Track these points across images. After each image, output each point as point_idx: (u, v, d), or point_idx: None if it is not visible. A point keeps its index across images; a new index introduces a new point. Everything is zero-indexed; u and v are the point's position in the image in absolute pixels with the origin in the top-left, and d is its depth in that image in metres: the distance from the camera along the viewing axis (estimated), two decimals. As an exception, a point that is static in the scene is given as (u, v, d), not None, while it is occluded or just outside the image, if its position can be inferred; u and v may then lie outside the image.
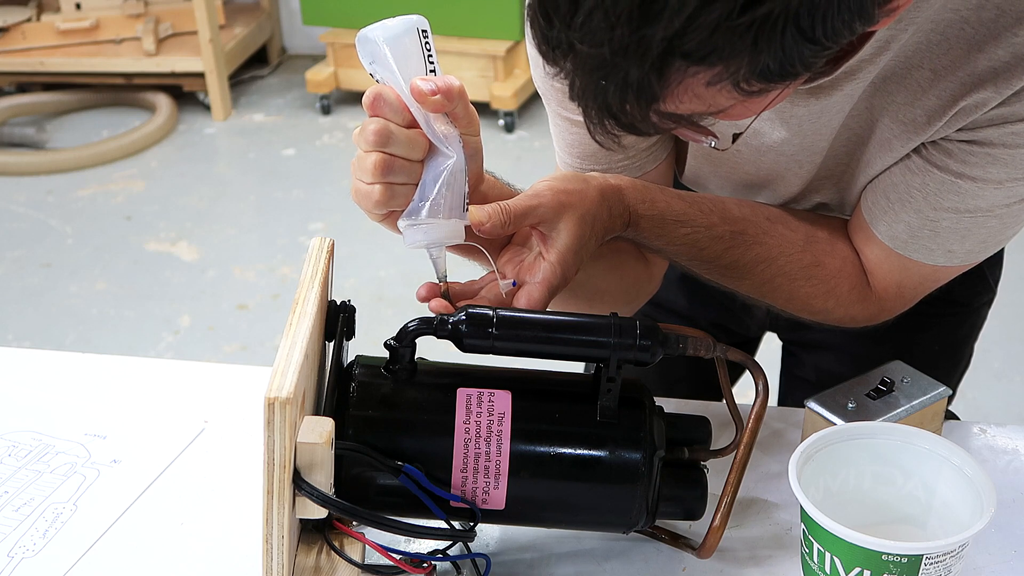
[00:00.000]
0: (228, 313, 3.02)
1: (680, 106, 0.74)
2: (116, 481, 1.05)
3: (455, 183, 0.89)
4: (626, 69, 0.70)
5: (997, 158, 0.93)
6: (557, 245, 0.92)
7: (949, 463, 0.90)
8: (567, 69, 0.74)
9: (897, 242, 1.02)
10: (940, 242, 1.00)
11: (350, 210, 3.69)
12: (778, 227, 1.04)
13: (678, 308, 1.34)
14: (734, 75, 0.70)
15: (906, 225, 1.00)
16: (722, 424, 0.97)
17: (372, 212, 0.91)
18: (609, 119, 0.75)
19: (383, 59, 0.88)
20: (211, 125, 4.07)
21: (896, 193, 0.99)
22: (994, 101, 0.90)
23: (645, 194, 0.99)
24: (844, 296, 1.06)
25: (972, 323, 1.31)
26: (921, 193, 0.98)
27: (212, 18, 3.94)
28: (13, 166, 3.74)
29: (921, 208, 0.98)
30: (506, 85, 3.84)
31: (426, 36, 0.89)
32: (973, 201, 0.96)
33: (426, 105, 0.87)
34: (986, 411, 2.58)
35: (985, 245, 1.01)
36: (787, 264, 1.04)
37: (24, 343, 2.88)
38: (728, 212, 1.03)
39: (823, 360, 1.33)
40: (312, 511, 0.80)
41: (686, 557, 0.96)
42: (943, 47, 0.91)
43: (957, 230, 0.99)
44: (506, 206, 0.91)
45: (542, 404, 0.89)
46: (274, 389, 0.75)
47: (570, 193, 0.93)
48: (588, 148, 1.07)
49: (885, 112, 0.96)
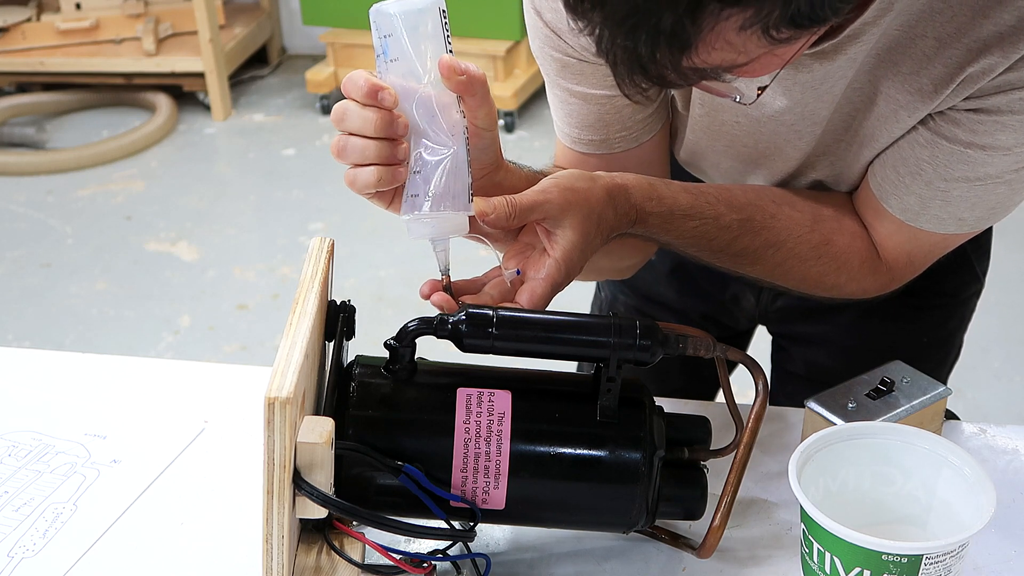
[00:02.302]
0: (228, 313, 3.02)
1: (711, 55, 0.73)
2: (116, 481, 1.05)
3: (457, 174, 0.89)
4: (659, 15, 0.69)
5: (1006, 125, 0.93)
6: (562, 243, 0.92)
7: (949, 463, 0.90)
8: (595, 20, 0.72)
9: (908, 214, 1.02)
10: (951, 211, 1.00)
11: (350, 210, 3.70)
12: (784, 209, 1.04)
13: (668, 301, 1.35)
14: (765, 19, 0.70)
15: (917, 197, 1.00)
16: (722, 424, 0.97)
17: (358, 192, 0.90)
18: (638, 70, 0.74)
19: (398, 34, 0.86)
20: (211, 125, 4.07)
21: (906, 167, 1.00)
22: (1001, 67, 0.90)
23: (651, 191, 0.99)
24: (855, 270, 1.07)
25: (961, 315, 1.31)
26: (931, 165, 0.98)
27: (212, 18, 3.94)
28: (13, 166, 3.74)
29: (931, 180, 0.99)
30: (506, 85, 3.84)
31: (445, 16, 0.88)
32: (983, 169, 0.96)
33: (450, 83, 0.86)
34: (986, 411, 2.58)
35: (994, 211, 1.02)
36: (796, 246, 1.04)
37: (24, 343, 2.88)
38: (734, 200, 1.03)
39: (813, 354, 1.32)
40: (312, 511, 0.80)
41: (686, 557, 0.96)
42: (947, 14, 0.90)
43: (968, 198, 0.99)
44: (512, 200, 0.91)
45: (542, 404, 0.89)
46: (274, 389, 0.75)
47: (577, 192, 0.93)
48: (587, 119, 1.07)
49: (890, 83, 0.96)
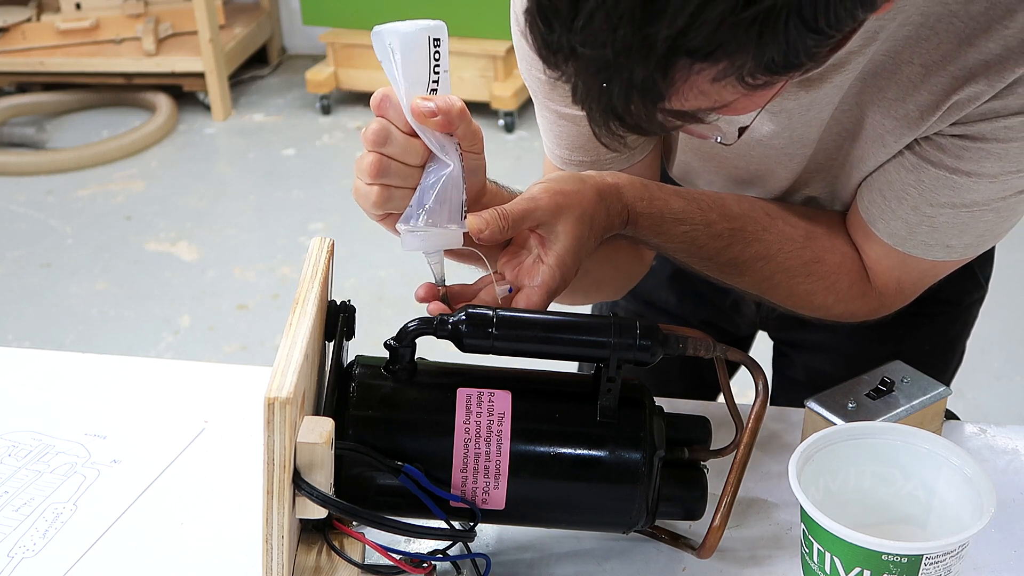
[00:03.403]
0: (228, 313, 3.02)
1: (685, 103, 0.73)
2: (116, 481, 1.05)
3: (452, 191, 0.89)
4: (630, 69, 0.70)
5: (991, 152, 0.93)
6: (555, 248, 0.92)
7: (949, 463, 0.90)
8: (569, 72, 0.73)
9: (896, 239, 1.02)
10: (938, 237, 1.00)
11: (350, 210, 3.69)
12: (778, 223, 1.04)
13: (669, 307, 1.34)
14: (739, 70, 0.70)
15: (903, 222, 1.00)
16: (722, 424, 0.97)
17: (370, 212, 0.91)
18: (614, 120, 0.75)
19: (389, 62, 0.87)
20: (211, 125, 4.07)
21: (892, 191, 0.99)
22: (987, 95, 0.90)
23: (643, 192, 0.98)
24: (844, 292, 1.06)
25: (964, 321, 1.31)
26: (916, 189, 0.98)
27: (212, 18, 3.94)
28: (13, 166, 3.74)
29: (917, 204, 0.98)
30: (506, 85, 3.83)
31: (437, 45, 0.87)
32: (969, 195, 0.96)
33: (426, 124, 0.87)
34: (986, 411, 2.58)
35: (983, 239, 1.01)
36: (786, 260, 1.04)
37: (24, 343, 2.88)
38: (727, 209, 1.03)
39: (814, 360, 1.32)
40: (312, 511, 0.80)
41: (686, 557, 0.96)
42: (933, 41, 0.90)
43: (955, 225, 0.99)
44: (503, 211, 0.91)
45: (542, 404, 0.89)
46: (274, 389, 0.75)
47: (567, 194, 0.93)
48: (577, 140, 1.07)
49: (876, 108, 0.96)
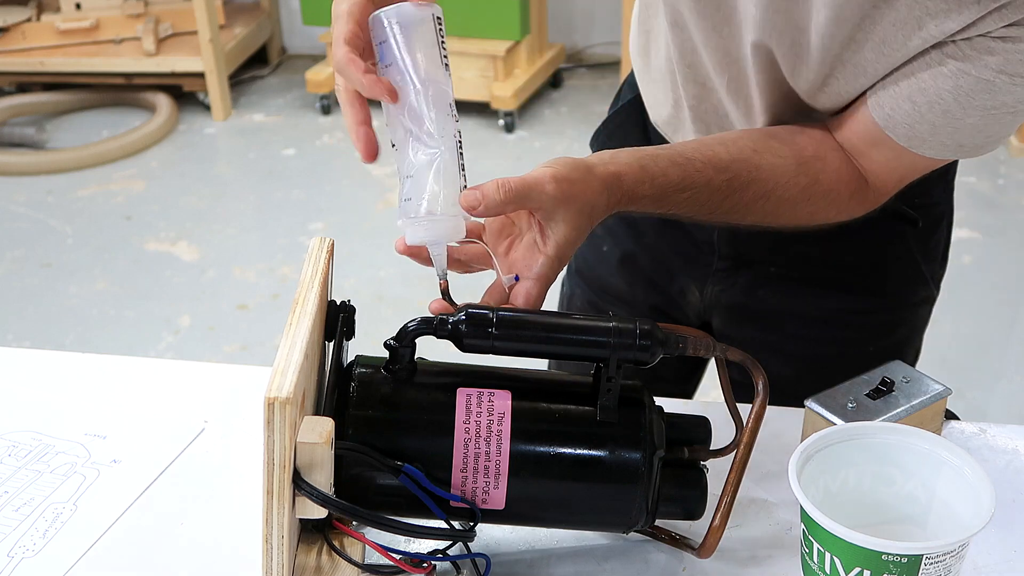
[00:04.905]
0: (228, 313, 3.02)
1: None
2: (116, 481, 1.05)
3: (448, 176, 0.89)
4: None
5: None
6: (555, 238, 0.92)
7: (949, 463, 0.90)
8: None
9: (915, 141, 1.02)
10: (957, 138, 1.01)
11: (350, 210, 3.70)
12: (767, 158, 1.05)
13: (619, 293, 1.34)
14: None
15: (930, 125, 1.00)
16: (722, 424, 0.97)
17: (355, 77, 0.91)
18: None
19: (390, 41, 0.87)
20: (211, 125, 4.07)
21: (924, 96, 0.99)
22: None
23: (642, 174, 0.98)
24: (845, 203, 1.08)
25: (911, 324, 1.30)
26: (952, 95, 0.98)
27: (212, 18, 3.94)
28: (13, 166, 3.74)
29: (950, 108, 0.98)
30: (506, 85, 3.84)
31: (441, 25, 0.88)
32: (1002, 97, 0.97)
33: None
34: (986, 411, 2.58)
35: (990, 139, 1.03)
36: (785, 192, 1.05)
37: (24, 343, 2.88)
38: (719, 161, 1.03)
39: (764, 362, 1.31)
40: (312, 511, 0.80)
41: (686, 557, 0.96)
42: None
43: (977, 126, 1.00)
44: (505, 182, 0.90)
45: (542, 404, 0.89)
46: (274, 389, 0.75)
47: (574, 183, 0.93)
48: None
49: None
